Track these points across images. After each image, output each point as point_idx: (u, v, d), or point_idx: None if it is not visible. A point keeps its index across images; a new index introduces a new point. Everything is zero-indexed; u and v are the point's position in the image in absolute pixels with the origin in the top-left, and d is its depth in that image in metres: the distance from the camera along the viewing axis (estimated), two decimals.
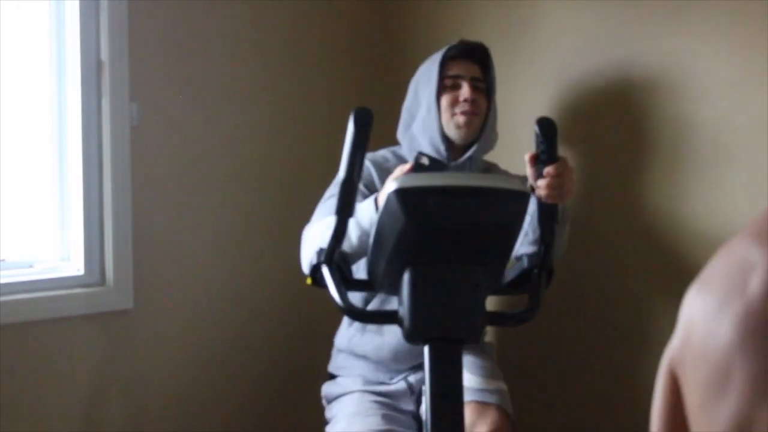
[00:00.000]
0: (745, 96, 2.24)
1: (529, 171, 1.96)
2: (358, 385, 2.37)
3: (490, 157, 2.50)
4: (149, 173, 2.59)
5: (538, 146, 1.92)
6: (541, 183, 1.92)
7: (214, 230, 2.74)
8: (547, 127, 1.91)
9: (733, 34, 2.25)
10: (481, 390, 2.23)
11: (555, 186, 1.92)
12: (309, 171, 2.49)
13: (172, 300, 2.66)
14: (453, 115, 2.34)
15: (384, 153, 2.44)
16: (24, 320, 2.38)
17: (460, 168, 2.35)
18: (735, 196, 2.27)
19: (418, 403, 2.31)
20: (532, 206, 1.99)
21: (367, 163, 2.38)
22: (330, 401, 2.41)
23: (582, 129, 2.58)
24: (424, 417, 1.90)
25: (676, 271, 2.40)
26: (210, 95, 2.71)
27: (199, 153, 2.70)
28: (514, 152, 2.47)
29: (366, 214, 2.04)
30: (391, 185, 1.78)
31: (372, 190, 2.28)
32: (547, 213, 1.96)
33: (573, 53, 2.58)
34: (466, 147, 2.36)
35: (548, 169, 1.91)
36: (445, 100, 2.35)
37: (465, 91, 2.34)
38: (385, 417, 2.26)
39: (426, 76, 2.38)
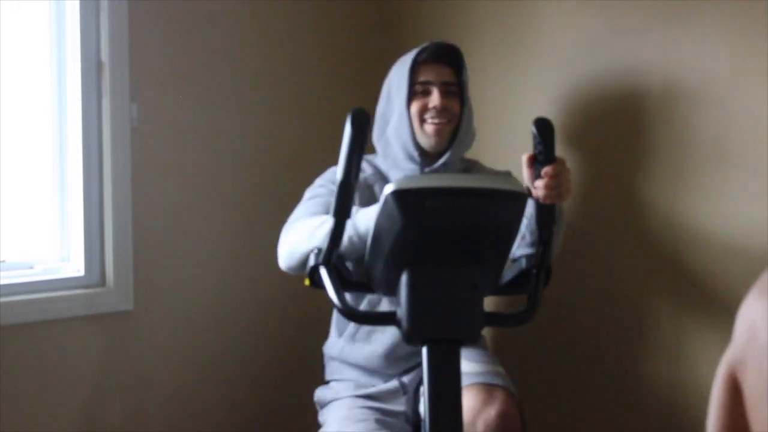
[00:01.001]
0: (745, 97, 2.23)
1: (526, 172, 1.95)
2: (349, 390, 2.36)
3: (478, 154, 2.48)
4: (149, 174, 2.59)
5: (535, 147, 1.91)
6: (539, 183, 1.91)
7: (214, 231, 2.74)
8: (544, 128, 1.90)
9: (734, 35, 2.24)
10: (485, 373, 2.20)
11: (553, 186, 1.91)
12: (309, 171, 2.48)
13: (172, 301, 2.66)
14: (423, 122, 2.30)
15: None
16: (24, 321, 2.39)
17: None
18: (736, 197, 2.26)
19: (411, 401, 2.30)
20: (529, 209, 1.98)
21: None
22: (322, 406, 2.41)
23: (581, 130, 2.57)
24: (422, 417, 1.89)
25: (676, 271, 2.40)
26: (210, 96, 2.71)
27: (199, 153, 2.70)
28: (513, 152, 2.46)
29: (364, 217, 2.03)
30: (388, 187, 1.78)
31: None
32: (545, 213, 1.95)
33: (572, 54, 2.57)
34: (442, 152, 2.32)
35: (546, 170, 1.90)
36: (414, 107, 2.30)
37: (435, 98, 2.29)
38: (377, 422, 2.25)
39: (397, 82, 2.34)
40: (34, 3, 2.47)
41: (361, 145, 1.80)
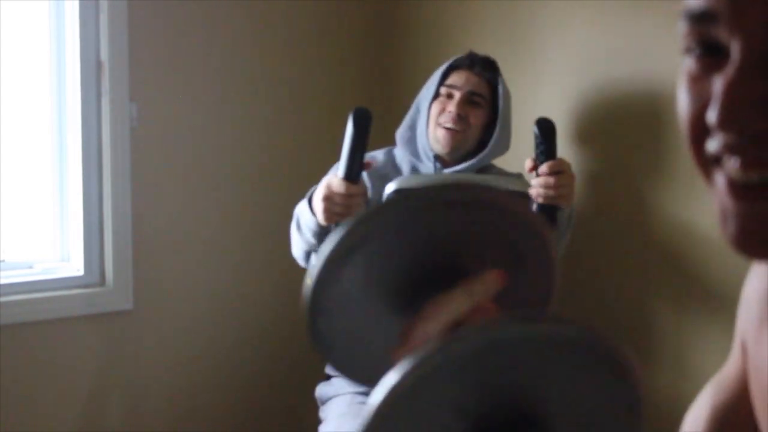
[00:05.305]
0: None
1: (529, 176, 1.95)
2: (351, 386, 2.37)
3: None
4: (149, 173, 2.59)
5: (536, 146, 1.91)
6: (536, 182, 1.91)
7: (213, 231, 2.74)
8: (545, 128, 1.90)
9: None
10: None
11: (550, 185, 1.90)
12: (309, 171, 2.49)
13: (171, 301, 2.66)
14: (437, 125, 2.29)
15: (373, 153, 2.42)
16: (24, 321, 2.38)
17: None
18: None
19: None
20: None
21: None
22: (323, 402, 2.42)
23: (590, 131, 2.57)
24: None
25: (680, 274, 2.40)
26: (210, 95, 2.71)
27: (199, 153, 2.70)
28: (516, 156, 2.47)
29: (308, 219, 2.07)
30: (390, 186, 1.78)
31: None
32: (545, 214, 1.94)
33: (575, 57, 2.57)
34: (461, 159, 2.31)
35: (543, 167, 1.89)
36: (434, 108, 2.30)
37: (452, 103, 2.28)
38: None
39: (430, 81, 2.35)
40: (34, 3, 2.47)
41: (363, 143, 1.81)
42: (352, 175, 1.82)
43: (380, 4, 3.05)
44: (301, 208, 2.10)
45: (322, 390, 2.44)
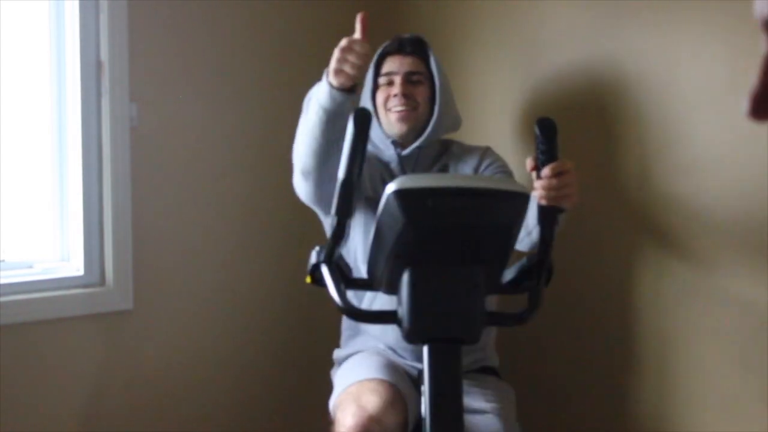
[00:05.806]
0: (740, 95, 2.23)
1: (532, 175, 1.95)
2: (368, 347, 2.40)
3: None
4: (149, 173, 2.59)
5: (538, 147, 1.91)
6: (538, 184, 1.91)
7: (214, 230, 2.74)
8: (547, 128, 1.90)
9: (730, 34, 2.24)
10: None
11: (553, 187, 1.90)
12: None
13: (172, 300, 2.66)
14: (387, 111, 2.38)
15: None
16: (24, 321, 2.38)
17: (410, 158, 2.39)
18: (727, 196, 2.27)
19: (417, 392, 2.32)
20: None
21: None
22: (340, 363, 2.43)
23: (571, 124, 2.57)
24: (423, 416, 1.89)
25: (671, 268, 2.41)
26: (209, 95, 2.71)
27: (199, 153, 2.70)
28: (515, 156, 2.47)
29: (321, 90, 2.13)
30: (390, 186, 1.78)
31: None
32: (547, 215, 1.95)
33: (566, 50, 2.58)
34: (416, 137, 2.39)
35: (545, 170, 1.90)
36: (379, 97, 2.40)
37: (395, 87, 2.38)
38: (388, 365, 2.29)
39: (366, 80, 2.43)
40: (34, 3, 2.47)
41: (364, 143, 1.81)
42: (352, 175, 1.82)
43: (380, 3, 3.05)
44: (315, 88, 2.19)
45: (339, 352, 2.48)
